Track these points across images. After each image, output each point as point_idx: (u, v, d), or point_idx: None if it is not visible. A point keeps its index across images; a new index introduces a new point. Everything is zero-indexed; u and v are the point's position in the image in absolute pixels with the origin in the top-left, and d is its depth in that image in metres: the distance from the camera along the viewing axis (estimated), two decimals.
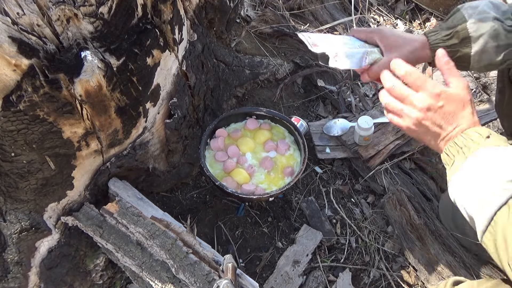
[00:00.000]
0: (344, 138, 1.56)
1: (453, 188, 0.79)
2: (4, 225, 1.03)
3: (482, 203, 0.71)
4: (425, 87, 0.82)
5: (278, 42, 1.88)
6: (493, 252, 0.72)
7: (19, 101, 0.82)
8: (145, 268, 1.05)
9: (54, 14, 0.81)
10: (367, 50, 1.00)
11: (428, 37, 0.98)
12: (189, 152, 1.38)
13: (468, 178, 0.76)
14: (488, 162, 0.74)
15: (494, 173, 0.72)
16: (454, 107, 0.81)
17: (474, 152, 0.76)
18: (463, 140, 0.79)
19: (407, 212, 1.40)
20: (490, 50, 0.93)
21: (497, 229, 0.69)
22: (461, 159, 0.78)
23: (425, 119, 0.82)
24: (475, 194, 0.74)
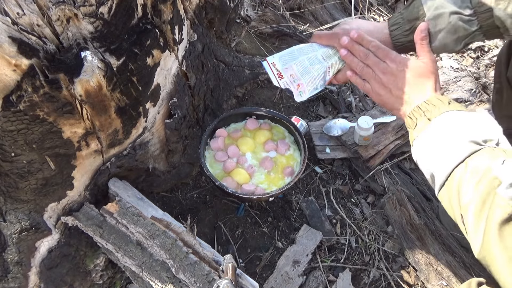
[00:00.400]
0: (344, 138, 1.56)
1: (415, 149, 0.85)
2: (4, 225, 1.03)
3: (442, 161, 0.77)
4: (390, 57, 0.93)
5: (278, 42, 1.88)
6: (447, 205, 0.78)
7: (19, 101, 0.82)
8: (145, 268, 1.05)
9: (54, 14, 0.81)
10: (328, 64, 1.04)
11: (390, 31, 1.02)
12: (189, 152, 1.38)
13: (431, 138, 0.81)
14: (450, 123, 0.80)
15: (456, 133, 0.77)
16: (415, 74, 0.91)
17: (438, 116, 0.81)
18: (425, 105, 0.85)
19: (407, 212, 1.40)
20: (450, 43, 0.97)
21: (452, 184, 0.75)
22: (424, 121, 0.84)
23: (388, 82, 0.92)
24: (436, 153, 0.79)
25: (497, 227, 0.65)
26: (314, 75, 1.04)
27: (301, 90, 1.05)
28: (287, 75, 1.05)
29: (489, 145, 0.75)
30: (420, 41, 0.95)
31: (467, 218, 0.72)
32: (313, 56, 1.05)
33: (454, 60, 1.95)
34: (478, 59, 1.97)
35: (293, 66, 1.05)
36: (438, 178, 0.79)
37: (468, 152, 0.74)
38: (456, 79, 1.83)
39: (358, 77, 1.00)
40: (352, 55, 1.00)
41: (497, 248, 0.66)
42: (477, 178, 0.70)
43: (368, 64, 0.97)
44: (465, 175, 0.73)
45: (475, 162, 0.73)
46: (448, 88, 1.80)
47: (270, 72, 1.07)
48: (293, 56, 1.06)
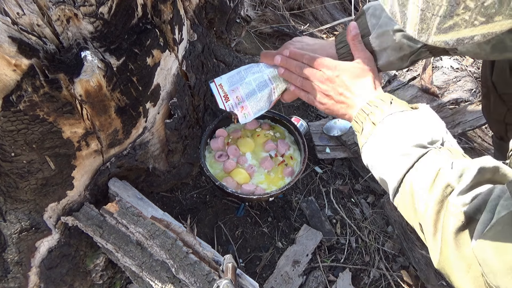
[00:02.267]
0: (344, 138, 1.56)
1: (365, 155, 0.86)
2: (4, 225, 1.03)
3: (392, 167, 0.77)
4: (324, 65, 0.93)
5: (278, 42, 1.88)
6: (404, 212, 0.77)
7: (19, 101, 0.82)
8: (145, 268, 1.05)
9: (54, 14, 0.81)
10: (272, 85, 1.05)
11: (337, 50, 1.02)
12: (189, 152, 1.38)
13: (378, 144, 0.81)
14: (394, 128, 0.80)
15: (401, 138, 0.77)
16: (352, 76, 0.90)
17: (382, 120, 0.81)
18: (368, 107, 0.85)
19: None
20: (396, 61, 0.97)
21: (405, 190, 0.75)
22: (369, 125, 0.84)
23: (328, 90, 0.92)
24: (385, 159, 0.79)
25: (452, 236, 0.64)
26: (258, 96, 1.06)
27: (245, 112, 1.08)
28: (233, 97, 1.07)
29: (435, 146, 0.75)
30: (351, 41, 0.96)
31: (424, 227, 0.71)
32: (259, 76, 1.06)
33: (454, 60, 1.95)
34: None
35: (239, 88, 1.07)
36: (390, 185, 0.78)
37: (416, 157, 0.74)
38: (456, 79, 1.83)
39: (301, 90, 1.00)
40: (290, 72, 1.00)
41: (455, 257, 0.65)
42: (428, 185, 0.70)
43: (306, 77, 0.96)
44: (416, 180, 0.73)
45: (424, 167, 0.73)
46: (448, 88, 1.80)
47: (217, 94, 1.09)
48: (240, 77, 1.09)
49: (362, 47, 0.95)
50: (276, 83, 1.05)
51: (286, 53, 1.01)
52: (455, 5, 0.49)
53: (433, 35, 0.53)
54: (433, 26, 0.52)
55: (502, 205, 0.59)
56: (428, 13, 0.52)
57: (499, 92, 1.17)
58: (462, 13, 0.49)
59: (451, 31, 0.51)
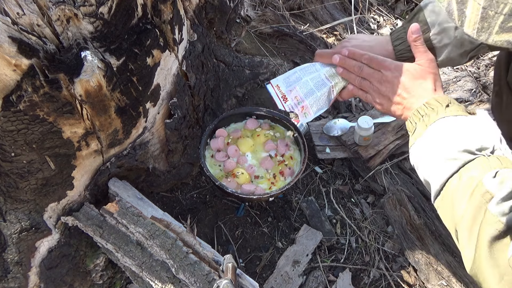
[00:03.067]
0: (344, 138, 1.56)
1: (413, 155, 0.85)
2: (4, 225, 1.03)
3: (437, 170, 0.77)
4: (383, 65, 0.93)
5: (278, 42, 1.88)
6: (443, 215, 0.77)
7: (19, 101, 0.82)
8: (145, 268, 1.05)
9: (54, 14, 0.81)
10: (331, 84, 1.04)
11: (394, 46, 1.01)
12: (189, 152, 1.38)
13: (426, 146, 0.81)
14: (444, 131, 0.79)
15: (451, 142, 0.77)
16: (412, 78, 0.89)
17: (434, 122, 0.81)
18: (424, 109, 0.85)
19: (407, 212, 1.40)
20: (456, 57, 0.96)
21: (447, 194, 0.75)
22: (421, 127, 0.83)
23: (386, 91, 0.92)
24: (431, 161, 0.79)
25: (487, 244, 0.64)
26: (318, 95, 1.04)
27: (305, 111, 1.06)
28: (291, 97, 1.06)
29: (484, 153, 0.74)
30: (413, 43, 0.95)
31: (460, 233, 0.71)
32: (316, 76, 1.05)
33: None
34: (478, 59, 1.97)
35: (296, 88, 1.06)
36: (433, 187, 0.78)
37: (462, 162, 0.73)
38: (456, 79, 1.83)
39: (359, 90, 1.00)
40: (348, 71, 1.00)
41: (488, 266, 0.64)
42: (469, 191, 0.69)
43: (364, 77, 0.97)
44: (458, 186, 0.72)
45: (469, 173, 0.72)
46: (448, 88, 1.80)
47: (275, 95, 1.08)
48: (296, 77, 1.07)
49: (424, 49, 0.94)
50: (334, 82, 1.04)
51: (345, 53, 1.00)
52: None
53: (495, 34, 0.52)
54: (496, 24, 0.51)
55: None
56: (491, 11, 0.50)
57: None
58: None
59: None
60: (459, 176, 0.73)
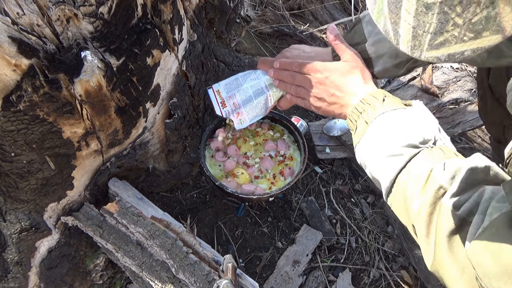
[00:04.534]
0: (344, 138, 1.56)
1: (358, 154, 0.86)
2: (4, 225, 1.03)
3: (384, 168, 0.78)
4: (313, 69, 0.94)
5: (278, 42, 1.88)
6: (396, 210, 0.78)
7: (19, 101, 0.82)
8: (145, 268, 1.05)
9: (54, 14, 0.81)
10: (269, 92, 1.07)
11: (333, 57, 1.03)
12: (189, 152, 1.38)
13: (370, 144, 0.82)
14: (386, 128, 0.80)
15: (392, 138, 0.78)
16: (340, 75, 0.91)
17: (374, 119, 0.82)
18: (362, 105, 0.86)
19: None
20: (392, 68, 0.98)
21: (398, 191, 0.75)
22: (362, 124, 0.85)
23: (320, 93, 0.93)
24: (377, 159, 0.80)
25: (446, 239, 0.64)
26: (254, 103, 1.08)
27: (241, 118, 1.10)
28: (230, 103, 1.10)
29: (427, 145, 0.75)
30: (333, 42, 0.97)
31: (417, 229, 0.71)
32: (256, 83, 1.09)
33: None
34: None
35: (236, 95, 1.10)
36: (383, 185, 0.79)
37: (408, 158, 0.74)
38: (456, 79, 1.83)
39: (297, 97, 1.02)
40: (284, 81, 1.03)
41: (448, 261, 0.64)
42: (420, 186, 0.70)
43: (298, 84, 0.99)
44: (408, 181, 0.73)
45: (416, 167, 0.73)
46: (448, 88, 1.80)
47: (214, 100, 1.12)
48: (237, 84, 1.11)
49: (345, 45, 0.97)
50: (272, 91, 1.07)
51: (276, 65, 1.03)
52: (444, 22, 0.50)
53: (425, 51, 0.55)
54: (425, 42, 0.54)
55: (493, 206, 0.59)
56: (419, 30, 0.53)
57: (496, 95, 1.17)
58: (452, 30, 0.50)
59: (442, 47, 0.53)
60: (407, 171, 0.74)
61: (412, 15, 0.53)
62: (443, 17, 0.50)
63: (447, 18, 0.50)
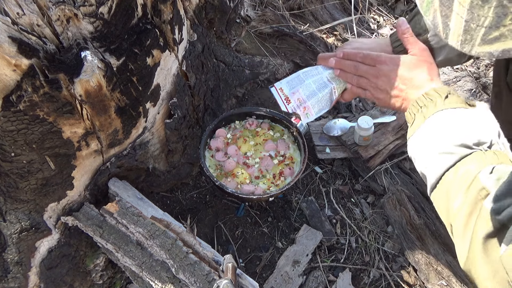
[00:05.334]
0: (344, 138, 1.56)
1: (411, 147, 0.86)
2: (4, 225, 1.03)
3: (433, 163, 0.77)
4: (378, 60, 0.93)
5: (278, 42, 1.88)
6: (438, 208, 0.78)
7: (19, 101, 0.82)
8: (145, 268, 1.05)
9: (54, 14, 0.81)
10: (332, 85, 1.07)
11: (393, 48, 1.03)
12: (189, 152, 1.38)
13: (424, 138, 0.82)
14: (442, 124, 0.79)
15: (446, 136, 0.77)
16: (407, 69, 0.90)
17: (432, 114, 0.81)
18: (423, 100, 0.84)
19: (407, 212, 1.40)
20: (454, 57, 0.97)
21: (442, 188, 0.75)
22: (420, 118, 0.83)
23: (383, 85, 0.92)
24: (428, 154, 0.79)
25: (481, 240, 0.64)
26: (319, 97, 1.07)
27: (307, 112, 1.09)
28: (294, 99, 1.10)
29: (481, 148, 0.74)
30: (403, 36, 0.96)
31: (455, 227, 0.71)
32: (318, 78, 1.08)
33: None
34: (478, 59, 1.97)
35: (299, 90, 1.09)
36: (429, 180, 0.79)
37: (458, 157, 0.73)
38: (456, 79, 1.83)
39: (358, 88, 1.01)
40: (345, 72, 1.02)
41: (482, 262, 0.64)
42: (465, 186, 0.69)
43: (361, 74, 0.98)
44: (454, 180, 0.72)
45: (465, 167, 0.72)
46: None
47: (278, 97, 1.12)
48: (299, 80, 1.11)
49: (414, 40, 0.95)
50: (336, 84, 1.07)
51: (340, 55, 1.02)
52: (502, 16, 0.49)
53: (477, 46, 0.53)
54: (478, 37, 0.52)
55: None
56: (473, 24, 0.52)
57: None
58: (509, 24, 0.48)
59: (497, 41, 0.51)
60: (455, 170, 0.73)
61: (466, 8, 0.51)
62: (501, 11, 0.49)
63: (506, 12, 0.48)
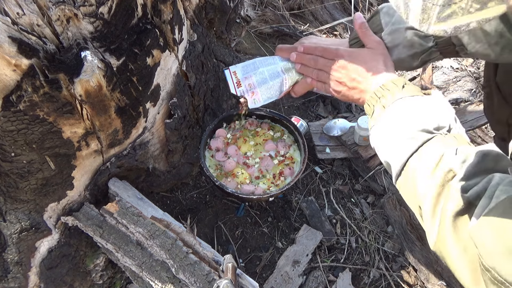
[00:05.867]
0: (344, 138, 1.56)
1: (373, 138, 0.87)
2: (4, 225, 1.03)
3: (397, 150, 0.79)
4: (337, 54, 0.95)
5: (278, 42, 1.88)
6: (405, 194, 0.79)
7: (19, 101, 0.82)
8: (145, 268, 1.05)
9: (54, 14, 0.81)
10: (284, 76, 1.09)
11: (350, 46, 1.05)
12: (189, 152, 1.38)
13: (385, 127, 0.83)
14: (402, 112, 0.81)
15: (409, 122, 0.79)
16: (363, 61, 0.92)
17: (392, 103, 0.83)
18: (381, 91, 0.86)
19: (407, 212, 1.40)
20: (406, 59, 0.99)
21: (408, 174, 0.76)
22: (379, 108, 0.85)
23: (342, 77, 0.94)
24: (391, 142, 0.81)
25: (451, 219, 0.66)
26: (270, 85, 1.10)
27: (255, 98, 1.12)
28: (245, 84, 1.12)
29: (441, 132, 0.77)
30: (359, 29, 0.98)
31: (423, 209, 0.73)
32: (273, 68, 1.11)
33: (454, 60, 1.95)
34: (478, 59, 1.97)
35: (252, 76, 1.11)
36: (394, 167, 0.80)
37: (421, 142, 0.75)
38: (456, 79, 1.83)
39: (318, 81, 1.03)
40: (306, 66, 1.04)
41: (452, 240, 0.66)
42: (431, 169, 0.71)
43: (320, 68, 1.00)
44: (419, 164, 0.74)
45: (428, 151, 0.74)
46: (448, 88, 1.80)
47: (230, 80, 1.13)
48: (254, 67, 1.13)
49: (370, 33, 0.98)
50: (288, 75, 1.09)
51: (300, 49, 1.04)
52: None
53: (433, 24, 0.56)
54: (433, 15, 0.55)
55: (501, 190, 0.61)
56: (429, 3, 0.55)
57: (503, 93, 1.16)
58: (459, 1, 0.51)
59: (449, 19, 0.54)
60: (419, 154, 0.75)
61: None
62: None
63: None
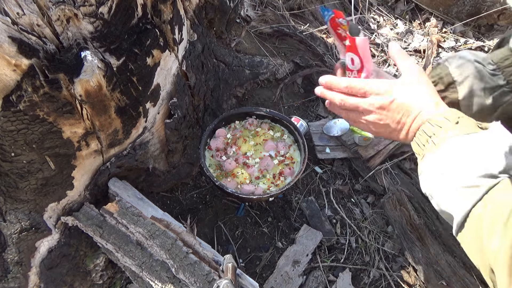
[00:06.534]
0: (344, 138, 1.56)
1: (424, 183, 0.75)
2: (4, 225, 1.03)
3: (457, 200, 0.68)
4: (371, 90, 0.79)
5: (278, 42, 1.88)
6: (469, 249, 0.68)
7: (19, 101, 0.82)
8: (145, 268, 1.05)
9: (54, 14, 0.81)
10: None
11: None
12: (189, 152, 1.38)
13: (439, 172, 0.71)
14: (458, 154, 0.69)
15: (466, 167, 0.67)
16: (407, 96, 0.78)
17: (443, 144, 0.71)
18: (431, 127, 0.74)
19: (407, 212, 1.40)
20: (478, 92, 0.90)
21: (472, 226, 0.66)
22: (431, 149, 0.73)
23: (382, 119, 0.79)
24: (448, 190, 0.70)
25: None
26: None
27: None
28: None
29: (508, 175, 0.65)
30: (397, 55, 0.83)
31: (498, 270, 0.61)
32: None
33: None
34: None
35: None
36: (455, 219, 0.69)
37: (485, 189, 0.64)
38: None
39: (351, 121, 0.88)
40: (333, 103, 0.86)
41: None
42: (502, 221, 0.60)
43: (350, 109, 0.83)
44: (485, 216, 0.63)
45: (496, 200, 0.63)
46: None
47: None
48: None
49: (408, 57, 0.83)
50: None
51: (322, 82, 0.85)
52: None
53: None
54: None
55: None
56: None
57: None
58: None
59: None
60: (484, 204, 0.64)
61: None
62: None
63: None
